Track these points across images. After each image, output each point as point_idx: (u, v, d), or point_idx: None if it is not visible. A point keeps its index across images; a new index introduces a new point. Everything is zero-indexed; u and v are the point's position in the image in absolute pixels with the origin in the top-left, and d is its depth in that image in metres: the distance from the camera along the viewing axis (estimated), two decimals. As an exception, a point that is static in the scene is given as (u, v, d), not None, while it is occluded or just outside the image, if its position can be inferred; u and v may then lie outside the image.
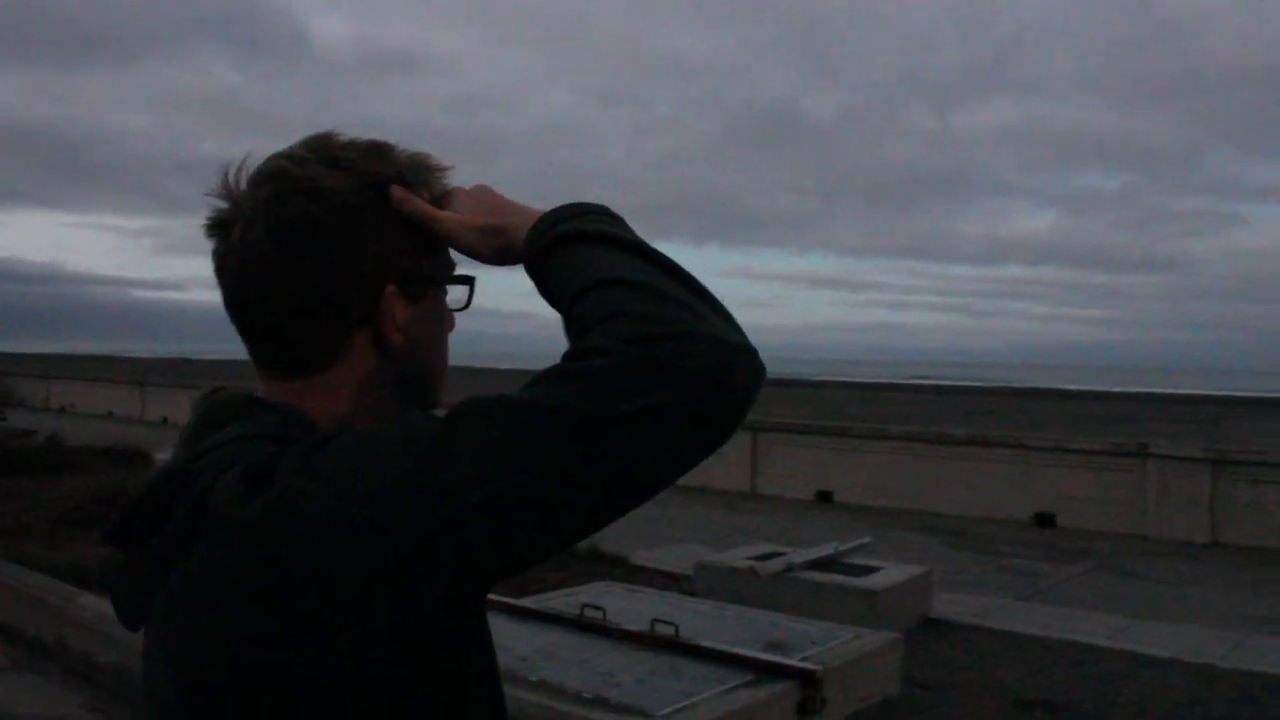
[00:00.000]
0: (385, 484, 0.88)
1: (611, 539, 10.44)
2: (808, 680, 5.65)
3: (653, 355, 0.90)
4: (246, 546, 0.90)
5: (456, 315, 1.20)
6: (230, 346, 1.15)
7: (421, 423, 0.93)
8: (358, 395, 1.09)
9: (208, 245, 1.10)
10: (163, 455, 15.65)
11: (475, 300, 1.17)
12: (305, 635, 0.89)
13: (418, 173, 1.13)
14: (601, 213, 1.07)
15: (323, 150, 1.09)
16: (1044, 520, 14.37)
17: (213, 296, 1.11)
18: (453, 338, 1.20)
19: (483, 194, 1.15)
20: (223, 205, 1.09)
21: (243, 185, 1.08)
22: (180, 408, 27.56)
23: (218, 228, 1.09)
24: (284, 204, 1.05)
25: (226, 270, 1.08)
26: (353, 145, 1.11)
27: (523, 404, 0.90)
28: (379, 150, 1.12)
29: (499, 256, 1.12)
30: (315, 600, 0.88)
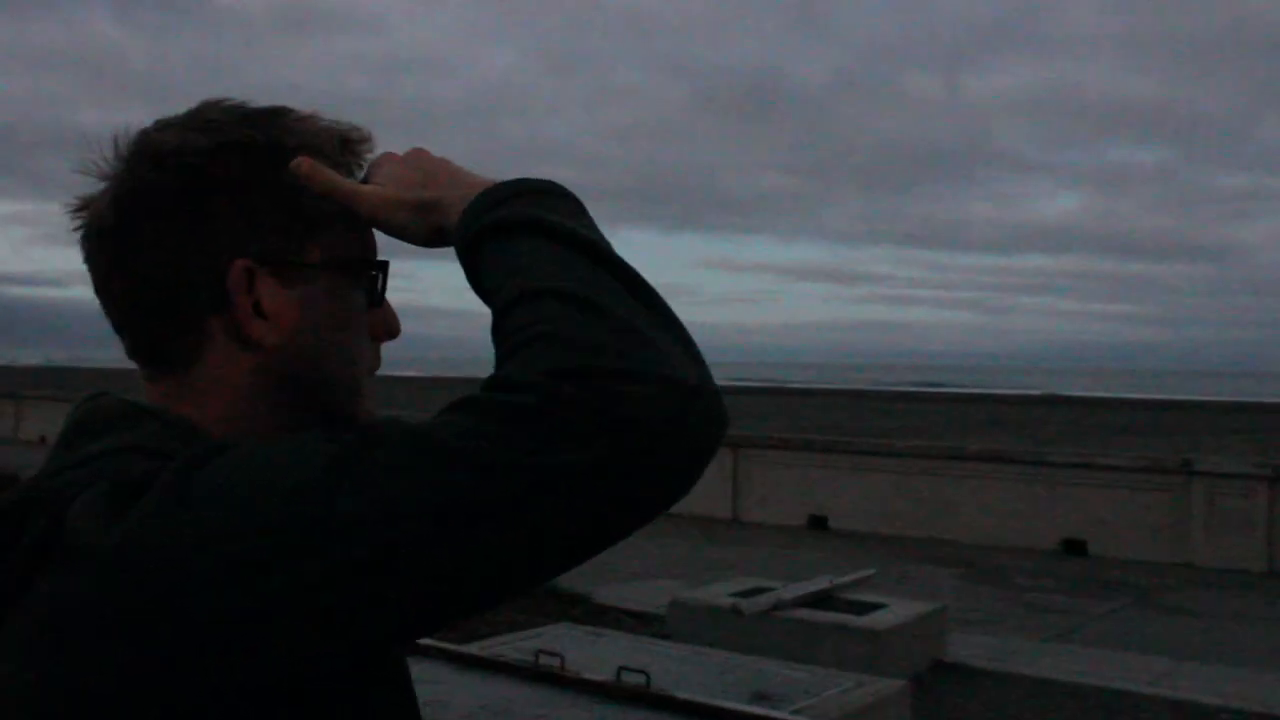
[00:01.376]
0: (263, 519, 0.85)
1: (570, 574, 10.45)
2: (801, 736, 5.67)
3: (585, 396, 0.86)
4: (102, 576, 0.87)
5: (400, 318, 1.16)
6: (117, 353, 1.13)
7: (313, 450, 0.89)
8: (233, 401, 1.06)
9: None
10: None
11: (408, 297, 1.13)
12: (158, 680, 0.86)
13: (325, 142, 1.10)
14: (553, 193, 1.04)
15: (196, 115, 1.07)
16: (1073, 548, 14.48)
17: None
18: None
19: (418, 160, 1.11)
20: (93, 182, 1.08)
21: (112, 159, 1.07)
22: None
23: (81, 209, 1.08)
24: (129, 172, 1.05)
25: (84, 254, 1.08)
26: (232, 109, 1.08)
27: (429, 442, 0.87)
28: (270, 115, 1.09)
29: (433, 238, 1.08)
30: (173, 643, 0.85)
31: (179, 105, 1.10)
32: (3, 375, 65.23)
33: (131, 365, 1.11)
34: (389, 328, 1.16)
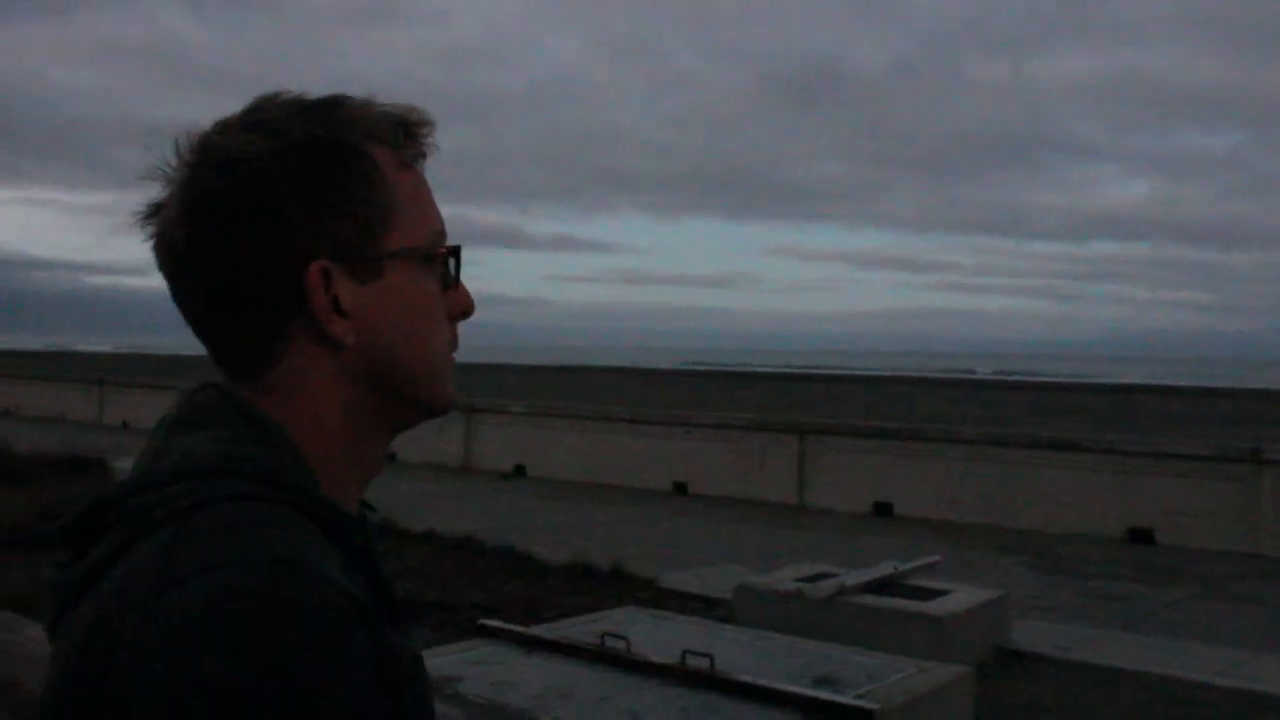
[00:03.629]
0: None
1: (638, 559, 10.51)
2: (864, 720, 5.67)
3: None
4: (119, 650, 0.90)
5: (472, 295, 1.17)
6: (194, 339, 1.15)
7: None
8: (315, 400, 1.08)
9: None
10: (123, 464, 15.81)
11: (475, 284, 1.15)
12: None
13: (385, 129, 1.11)
14: None
15: (253, 113, 1.09)
16: (1141, 536, 14.33)
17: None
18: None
19: None
20: (160, 186, 1.10)
21: (176, 163, 1.09)
22: (144, 410, 27.83)
23: (151, 214, 1.10)
24: (197, 180, 1.06)
25: (158, 263, 1.10)
26: (290, 104, 1.09)
27: None
28: (323, 107, 1.10)
29: None
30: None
31: (248, 97, 1.11)
32: (86, 362, 66.45)
33: (204, 352, 1.13)
34: (464, 308, 1.17)
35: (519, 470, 20.25)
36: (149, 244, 1.10)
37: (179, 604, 0.88)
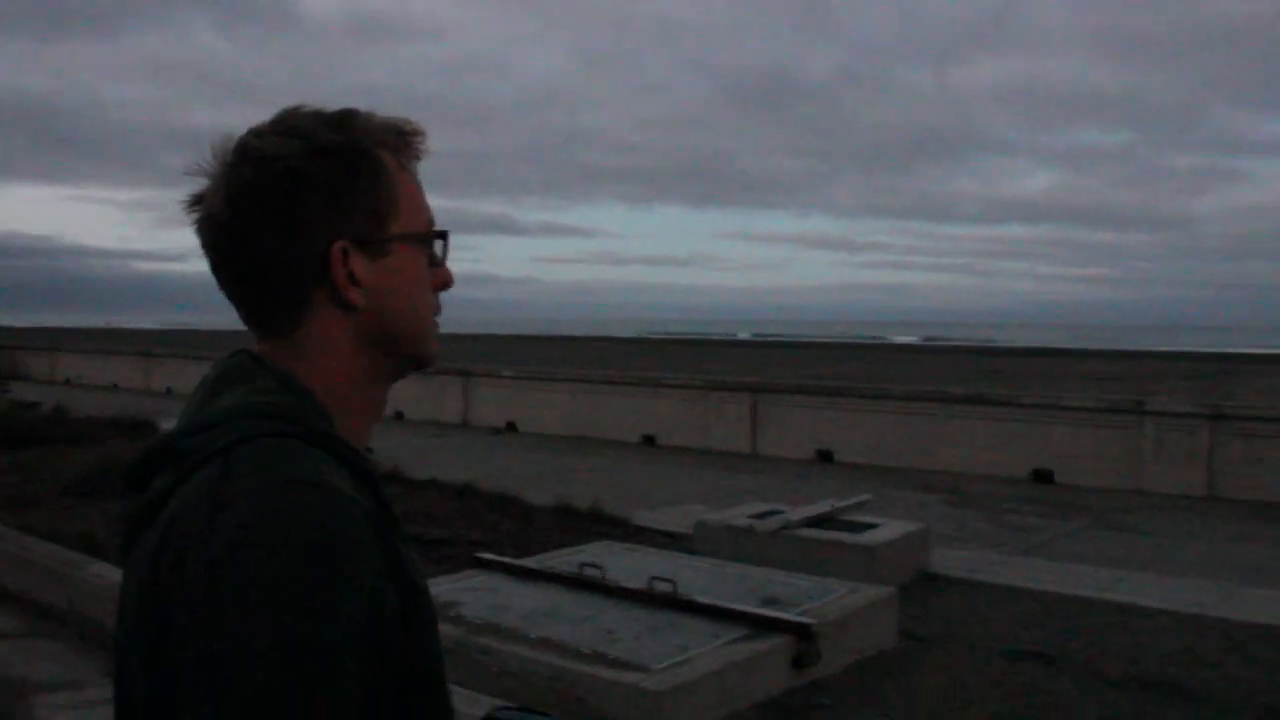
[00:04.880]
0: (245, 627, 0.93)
1: (613, 501, 10.56)
2: (803, 634, 5.75)
3: None
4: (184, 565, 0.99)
5: (453, 272, 1.25)
6: (232, 317, 1.22)
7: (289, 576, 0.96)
8: (333, 354, 1.15)
9: None
10: (169, 424, 15.73)
11: (474, 266, 1.21)
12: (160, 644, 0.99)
13: (388, 136, 1.18)
14: None
15: (282, 121, 1.16)
16: (1042, 477, 14.48)
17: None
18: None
19: None
20: (201, 181, 1.17)
21: (214, 162, 1.16)
22: (185, 378, 27.66)
23: (194, 203, 1.17)
24: (238, 174, 1.13)
25: (202, 242, 1.17)
26: (313, 115, 1.16)
27: None
28: (341, 118, 1.16)
29: None
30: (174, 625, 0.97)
31: (273, 105, 1.18)
32: (135, 337, 65.90)
33: (234, 328, 1.19)
34: (446, 281, 1.25)
35: (511, 426, 20.23)
36: (194, 226, 1.17)
37: (232, 519, 0.97)
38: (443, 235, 1.23)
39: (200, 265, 1.18)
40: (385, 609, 1.00)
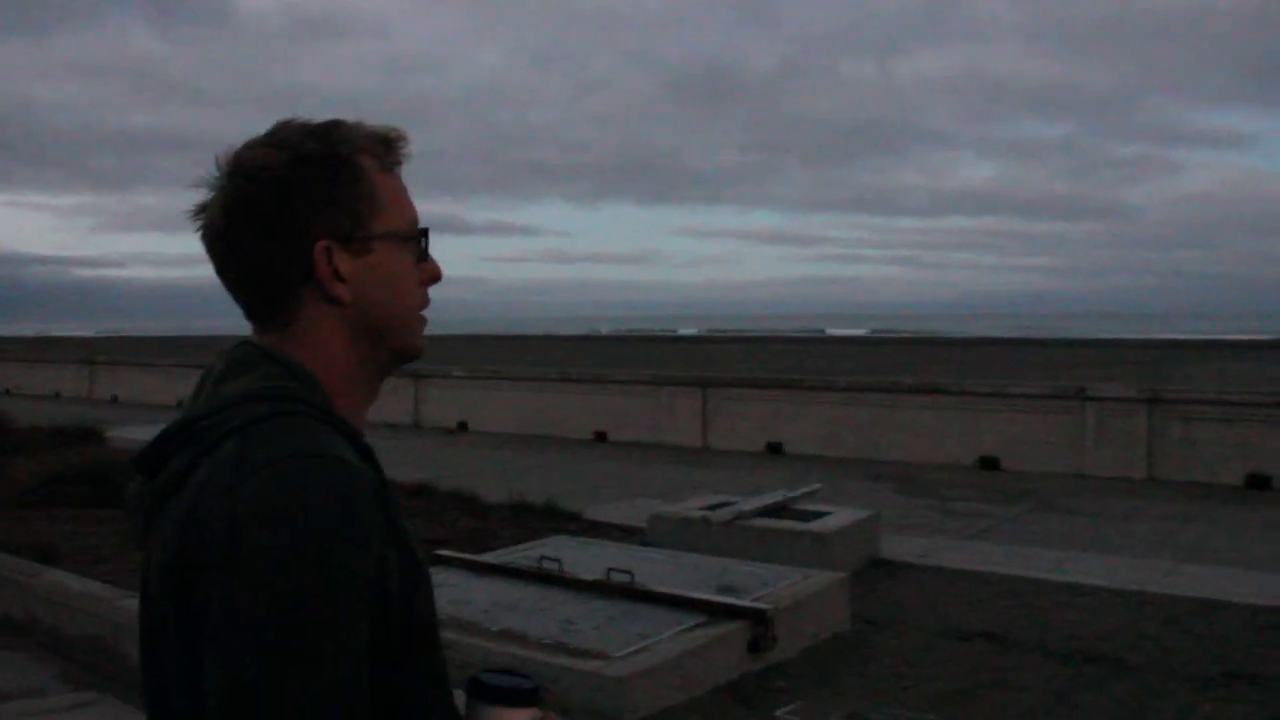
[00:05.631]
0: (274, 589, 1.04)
1: (567, 496, 10.64)
2: (759, 619, 5.89)
3: None
4: (195, 517, 1.10)
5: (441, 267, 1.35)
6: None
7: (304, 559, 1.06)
8: (325, 344, 1.25)
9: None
10: (115, 433, 15.57)
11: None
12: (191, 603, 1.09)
13: (372, 144, 1.28)
14: None
15: (273, 134, 1.27)
16: (988, 463, 14.73)
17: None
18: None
19: None
20: (204, 192, 1.27)
21: (215, 174, 1.26)
22: (129, 386, 27.32)
23: (198, 213, 1.27)
24: (232, 185, 1.24)
25: (204, 248, 1.28)
26: (300, 127, 1.27)
27: None
28: (325, 129, 1.27)
29: None
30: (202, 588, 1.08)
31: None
32: (78, 345, 64.83)
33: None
34: (433, 274, 1.34)
35: (463, 426, 20.22)
36: (198, 233, 1.28)
37: (255, 487, 1.08)
38: (424, 233, 1.33)
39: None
40: (388, 569, 1.11)
